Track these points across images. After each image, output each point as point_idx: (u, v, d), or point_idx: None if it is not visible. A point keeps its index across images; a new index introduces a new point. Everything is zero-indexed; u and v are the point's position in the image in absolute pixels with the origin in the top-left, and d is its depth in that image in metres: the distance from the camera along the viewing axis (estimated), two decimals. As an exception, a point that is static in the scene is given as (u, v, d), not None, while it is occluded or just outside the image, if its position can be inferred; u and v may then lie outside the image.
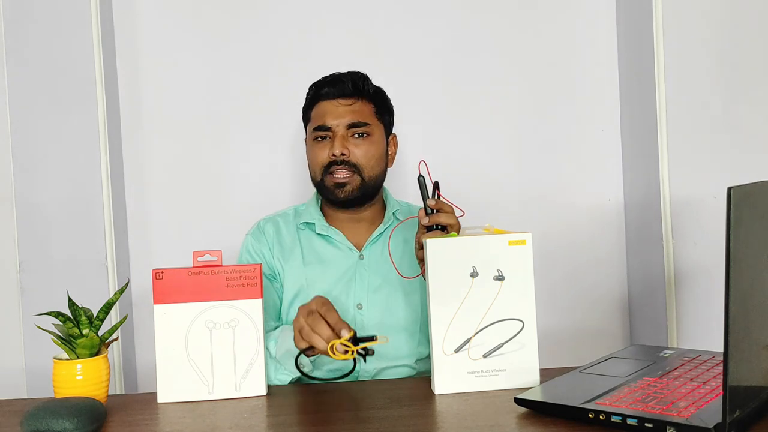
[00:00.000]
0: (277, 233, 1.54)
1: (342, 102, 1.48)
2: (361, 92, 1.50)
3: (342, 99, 1.49)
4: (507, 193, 2.05)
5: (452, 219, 1.30)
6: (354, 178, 1.46)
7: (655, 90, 1.83)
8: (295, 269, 1.50)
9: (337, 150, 1.45)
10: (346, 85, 1.49)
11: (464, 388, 1.20)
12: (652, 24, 1.82)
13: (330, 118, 1.47)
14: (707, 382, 1.09)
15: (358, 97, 1.50)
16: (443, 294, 1.21)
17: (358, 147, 1.47)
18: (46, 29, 1.84)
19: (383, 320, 1.47)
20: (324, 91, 1.50)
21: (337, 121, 1.47)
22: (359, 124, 1.48)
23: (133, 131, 2.00)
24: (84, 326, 1.21)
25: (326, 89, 1.49)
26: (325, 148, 1.47)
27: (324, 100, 1.49)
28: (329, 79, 1.51)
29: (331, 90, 1.49)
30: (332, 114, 1.47)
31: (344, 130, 1.47)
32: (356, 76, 1.51)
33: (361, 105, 1.49)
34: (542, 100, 2.06)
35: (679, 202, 1.82)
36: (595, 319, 2.08)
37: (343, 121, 1.47)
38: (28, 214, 1.84)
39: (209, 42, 2.01)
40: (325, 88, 1.50)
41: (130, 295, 1.97)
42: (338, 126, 1.47)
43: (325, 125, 1.47)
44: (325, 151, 1.47)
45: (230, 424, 1.10)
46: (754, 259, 0.90)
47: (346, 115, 1.47)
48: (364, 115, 1.49)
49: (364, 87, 1.51)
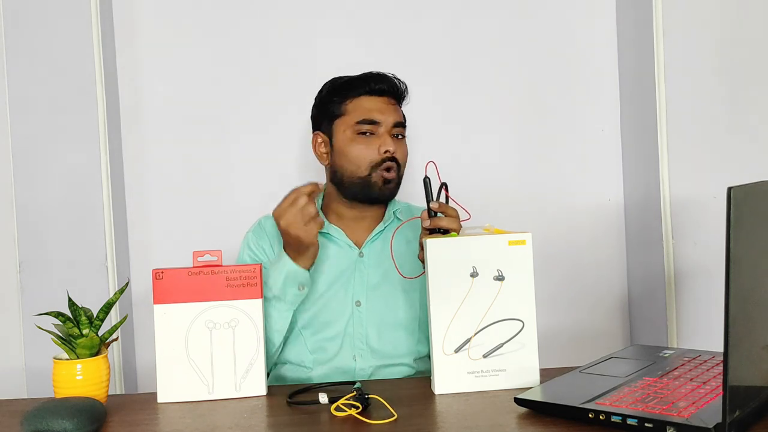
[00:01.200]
0: (277, 230, 1.54)
1: (390, 101, 1.51)
2: (401, 96, 1.54)
3: (390, 98, 1.51)
4: (507, 193, 2.05)
5: (454, 224, 1.30)
6: (397, 175, 1.49)
7: (655, 90, 1.83)
8: None
9: (391, 147, 1.46)
10: (395, 85, 1.51)
11: (464, 388, 1.20)
12: (652, 24, 1.82)
13: (379, 114, 1.48)
14: (707, 382, 1.09)
15: (399, 100, 1.54)
16: (443, 294, 1.21)
17: (399, 147, 1.49)
18: (46, 29, 1.84)
19: (382, 318, 1.47)
20: (371, 86, 1.49)
21: (386, 117, 1.48)
22: (401, 124, 1.51)
23: (133, 131, 2.00)
24: (84, 326, 1.21)
25: (375, 85, 1.50)
26: (372, 144, 1.47)
27: (369, 96, 1.50)
28: (375, 75, 1.52)
29: (380, 87, 1.50)
30: (381, 110, 1.48)
31: (389, 128, 1.48)
32: (402, 82, 1.54)
33: (399, 108, 1.54)
34: (542, 100, 2.06)
35: (679, 202, 1.82)
36: (595, 319, 2.08)
37: (390, 119, 1.48)
38: (28, 214, 1.84)
39: (209, 42, 2.01)
40: (372, 84, 1.50)
41: (130, 295, 1.97)
42: (386, 123, 1.48)
43: (373, 120, 1.47)
44: (372, 148, 1.46)
45: (230, 424, 1.10)
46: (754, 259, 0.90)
47: (393, 113, 1.49)
48: (403, 118, 1.53)
49: (405, 94, 1.55)
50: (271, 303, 1.38)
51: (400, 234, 1.50)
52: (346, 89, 1.51)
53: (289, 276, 1.36)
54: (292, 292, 1.38)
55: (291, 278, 1.36)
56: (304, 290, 1.39)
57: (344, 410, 1.10)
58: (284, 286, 1.37)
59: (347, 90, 1.51)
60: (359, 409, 1.09)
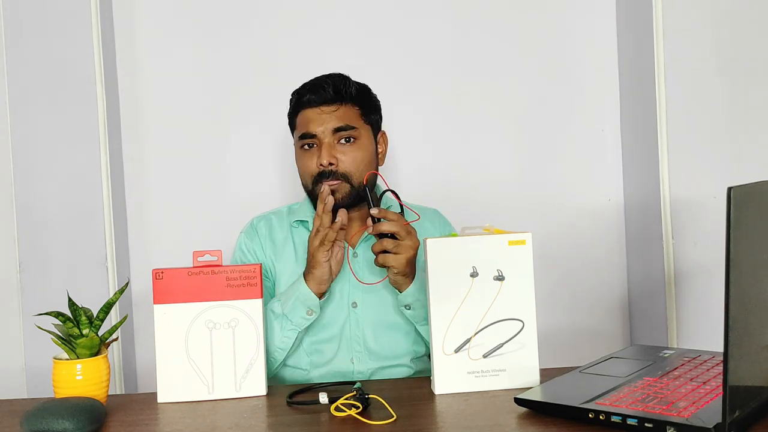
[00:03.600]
0: (269, 231, 1.54)
1: (325, 109, 1.45)
2: (344, 96, 1.47)
3: (324, 106, 1.45)
4: (507, 193, 2.05)
5: (395, 227, 1.31)
6: (343, 186, 1.43)
7: (655, 90, 1.83)
8: (288, 267, 1.49)
9: (324, 160, 1.42)
10: (327, 91, 1.45)
11: (464, 388, 1.20)
12: (652, 24, 1.82)
13: (314, 126, 1.44)
14: (707, 382, 1.09)
15: (341, 102, 1.46)
16: (443, 294, 1.21)
17: (345, 154, 1.44)
18: (46, 29, 1.84)
19: (378, 318, 1.47)
20: (306, 98, 1.46)
21: (322, 128, 1.44)
22: (345, 128, 1.45)
23: (133, 131, 2.00)
24: (84, 326, 1.21)
25: (308, 96, 1.46)
26: (313, 157, 1.45)
27: (307, 108, 1.47)
28: (309, 86, 1.48)
29: (312, 97, 1.46)
30: (316, 121, 1.45)
31: (330, 137, 1.44)
32: (336, 79, 1.48)
33: (345, 109, 1.46)
34: (542, 100, 2.06)
35: (679, 202, 1.82)
36: (595, 319, 2.08)
37: (327, 128, 1.44)
38: (28, 214, 1.84)
39: (209, 42, 2.00)
40: (306, 96, 1.46)
41: (130, 295, 1.97)
42: (323, 133, 1.44)
43: (309, 133, 1.45)
44: (314, 160, 1.44)
45: (230, 424, 1.10)
46: (754, 259, 0.90)
47: (330, 121, 1.44)
48: (350, 119, 1.46)
49: (346, 90, 1.47)
50: (279, 319, 1.38)
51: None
52: (293, 103, 1.52)
53: (299, 297, 1.37)
54: (300, 314, 1.38)
55: (301, 300, 1.37)
56: (312, 315, 1.38)
57: (344, 410, 1.10)
58: (293, 307, 1.37)
59: (293, 104, 1.51)
60: (359, 410, 1.09)
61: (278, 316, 1.39)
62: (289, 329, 1.39)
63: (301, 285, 1.37)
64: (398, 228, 1.31)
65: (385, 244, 1.32)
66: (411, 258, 1.33)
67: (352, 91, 1.48)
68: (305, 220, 1.53)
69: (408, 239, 1.32)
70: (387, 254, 1.32)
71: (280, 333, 1.39)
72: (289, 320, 1.38)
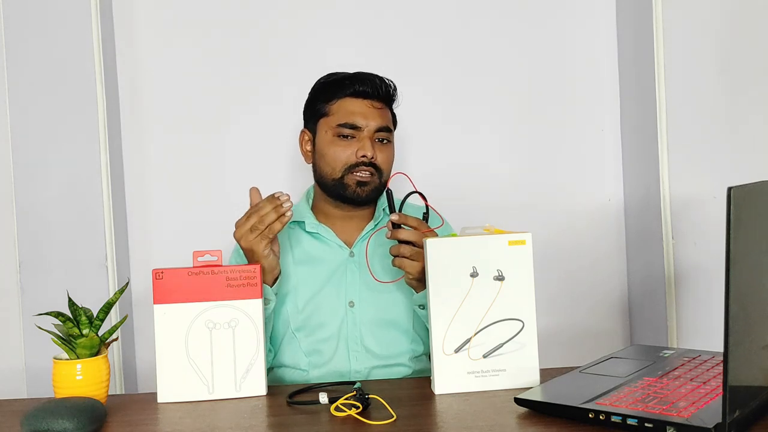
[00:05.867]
0: None
1: (374, 104, 1.48)
2: (390, 98, 1.52)
3: (374, 101, 1.48)
4: (507, 193, 2.05)
5: (414, 236, 1.29)
6: (374, 179, 1.47)
7: (655, 90, 1.83)
8: (285, 268, 1.49)
9: (369, 152, 1.44)
10: (380, 87, 1.48)
11: (464, 388, 1.20)
12: (652, 24, 1.82)
13: (360, 118, 1.46)
14: (707, 382, 1.09)
15: (386, 103, 1.51)
16: (443, 294, 1.21)
17: (381, 152, 1.47)
18: (46, 29, 1.84)
19: (376, 318, 1.47)
20: (356, 88, 1.47)
21: (367, 122, 1.46)
22: (385, 129, 1.48)
23: (133, 131, 2.00)
24: (84, 326, 1.21)
25: (359, 87, 1.47)
26: (350, 147, 1.46)
27: (353, 98, 1.48)
28: (361, 76, 1.49)
29: (364, 89, 1.47)
30: (364, 114, 1.46)
31: (371, 133, 1.47)
32: (388, 83, 1.51)
33: (386, 111, 1.51)
34: (542, 100, 2.06)
35: (679, 202, 1.82)
36: (595, 319, 2.08)
37: (372, 124, 1.46)
38: (28, 214, 1.84)
39: (209, 42, 2.00)
40: (356, 86, 1.47)
41: (130, 295, 1.97)
42: (367, 127, 1.46)
43: (354, 124, 1.46)
44: (350, 150, 1.45)
45: (230, 424, 1.10)
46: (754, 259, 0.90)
47: (376, 118, 1.47)
48: (389, 121, 1.51)
49: (394, 96, 1.52)
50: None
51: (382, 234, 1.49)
52: (332, 89, 1.50)
53: None
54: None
55: None
56: (270, 304, 1.38)
57: (344, 410, 1.10)
58: None
59: (333, 90, 1.50)
60: (359, 409, 1.09)
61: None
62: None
63: None
64: (416, 237, 1.29)
65: (403, 251, 1.30)
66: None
67: (395, 96, 1.53)
68: (302, 220, 1.53)
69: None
70: (404, 259, 1.31)
71: None
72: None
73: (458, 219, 1.60)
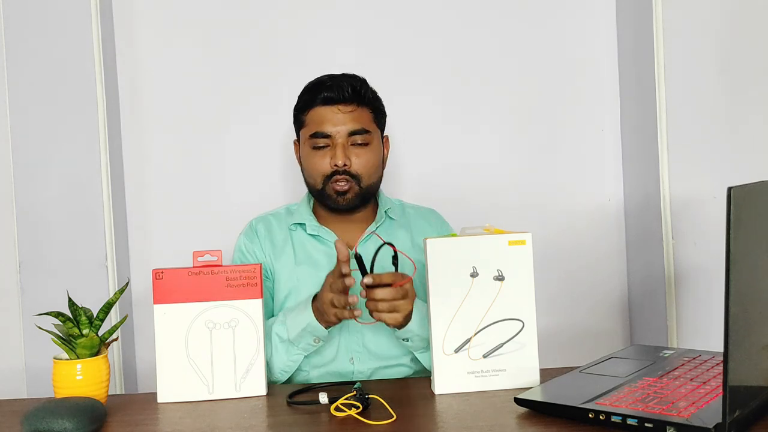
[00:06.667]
0: (268, 232, 1.54)
1: (342, 108, 1.43)
2: (362, 98, 1.45)
3: (342, 105, 1.44)
4: (507, 193, 2.05)
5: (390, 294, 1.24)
6: (353, 186, 1.44)
7: (655, 90, 1.83)
8: (287, 269, 1.49)
9: (339, 161, 1.41)
10: (345, 90, 1.43)
11: (464, 388, 1.20)
12: (652, 24, 1.82)
13: (329, 126, 1.43)
14: (707, 382, 1.09)
15: (358, 104, 1.45)
16: (443, 294, 1.21)
17: (358, 156, 1.44)
18: (46, 29, 1.84)
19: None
20: (322, 95, 1.44)
21: (337, 128, 1.43)
22: (360, 132, 1.44)
23: (133, 131, 2.00)
24: (84, 326, 1.21)
25: (325, 94, 1.44)
26: (325, 157, 1.44)
27: (321, 105, 1.44)
28: (327, 83, 1.45)
29: (329, 95, 1.43)
30: (332, 121, 1.43)
31: (344, 138, 1.43)
32: (355, 80, 1.46)
33: (360, 112, 1.45)
34: (542, 100, 2.06)
35: (679, 202, 1.82)
36: (595, 319, 2.08)
37: (343, 129, 1.43)
38: (28, 214, 1.84)
39: (209, 42, 2.00)
40: (323, 93, 1.44)
41: (130, 295, 1.97)
42: (338, 134, 1.43)
43: (324, 132, 1.43)
44: (326, 160, 1.43)
45: (230, 424, 1.10)
46: (754, 259, 0.90)
47: (347, 122, 1.43)
48: (364, 122, 1.45)
49: (365, 93, 1.46)
50: (284, 344, 1.37)
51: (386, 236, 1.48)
52: (304, 98, 1.48)
53: (307, 329, 1.34)
54: (307, 341, 1.36)
55: (309, 331, 1.35)
56: (318, 343, 1.37)
57: (344, 410, 1.10)
58: (301, 336, 1.35)
59: (305, 99, 1.48)
60: (359, 409, 1.09)
61: (284, 341, 1.37)
62: (295, 354, 1.37)
63: (309, 317, 1.33)
64: (392, 294, 1.25)
65: (381, 307, 1.25)
66: (407, 314, 1.29)
67: (369, 94, 1.47)
68: (303, 223, 1.52)
69: (404, 302, 1.27)
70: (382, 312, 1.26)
71: (285, 357, 1.37)
72: (296, 346, 1.37)
73: (458, 219, 1.61)
